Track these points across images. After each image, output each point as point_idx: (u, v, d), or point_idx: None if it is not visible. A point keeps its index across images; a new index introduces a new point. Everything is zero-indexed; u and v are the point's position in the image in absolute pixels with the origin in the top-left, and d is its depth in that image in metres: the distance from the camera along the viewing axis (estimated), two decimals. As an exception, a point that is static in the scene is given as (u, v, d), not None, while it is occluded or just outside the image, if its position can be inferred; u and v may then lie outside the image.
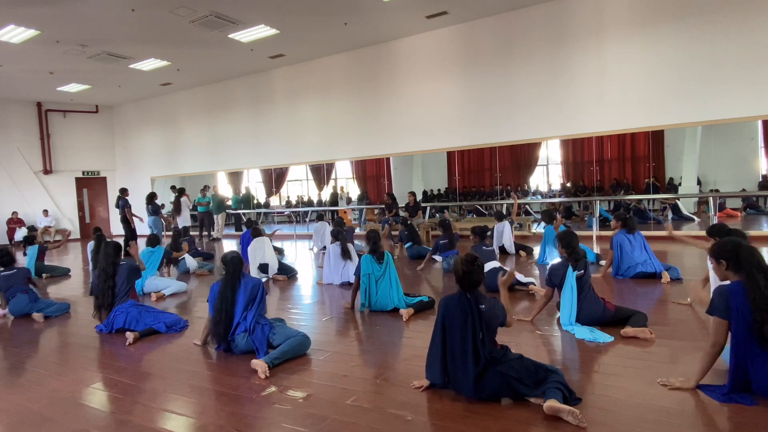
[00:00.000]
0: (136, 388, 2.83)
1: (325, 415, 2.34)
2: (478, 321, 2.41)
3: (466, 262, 2.46)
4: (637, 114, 7.92)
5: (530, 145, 12.56)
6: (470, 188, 13.58)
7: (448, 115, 9.63)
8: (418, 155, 12.21)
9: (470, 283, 2.46)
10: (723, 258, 2.28)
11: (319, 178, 14.18)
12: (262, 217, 14.07)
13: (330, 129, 11.07)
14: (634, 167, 11.48)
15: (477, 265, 2.47)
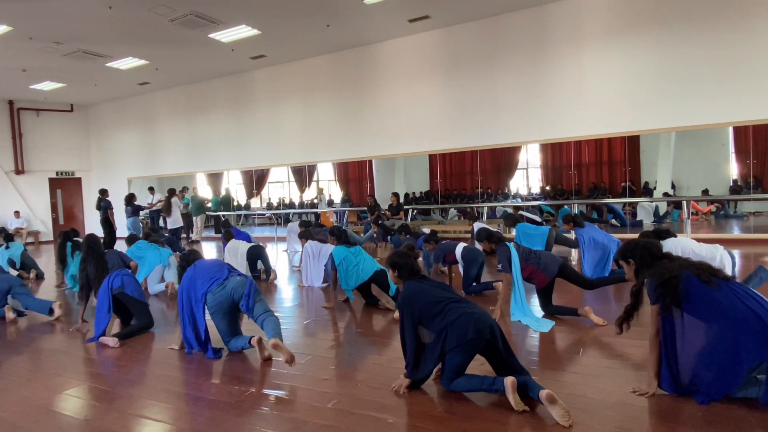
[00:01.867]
0: (111, 394, 2.77)
1: (305, 420, 2.33)
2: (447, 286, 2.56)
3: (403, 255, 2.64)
4: (614, 119, 8.12)
5: (511, 149, 12.73)
6: (452, 191, 13.68)
7: (431, 118, 9.70)
8: (401, 158, 12.26)
9: (413, 272, 2.60)
10: (629, 257, 2.38)
11: (300, 180, 14.11)
12: (242, 219, 13.89)
13: (312, 131, 11.03)
14: (611, 171, 11.74)
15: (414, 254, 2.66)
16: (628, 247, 2.41)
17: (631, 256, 2.37)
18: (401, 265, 2.64)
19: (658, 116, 7.83)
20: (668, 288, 2.15)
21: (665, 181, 10.35)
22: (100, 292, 3.90)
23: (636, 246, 2.38)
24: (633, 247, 2.38)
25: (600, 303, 4.27)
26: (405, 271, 2.63)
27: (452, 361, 2.37)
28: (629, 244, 2.42)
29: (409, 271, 2.62)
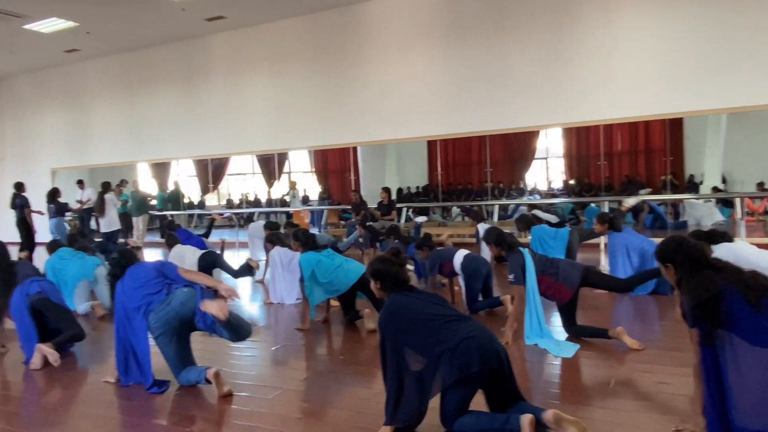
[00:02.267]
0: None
1: (273, 469, 2.32)
2: (442, 303, 2.55)
3: (385, 261, 2.63)
4: (652, 99, 8.22)
5: (526, 135, 12.79)
6: (455, 186, 13.75)
7: (429, 97, 9.74)
8: (392, 145, 12.28)
9: (399, 282, 2.59)
10: (667, 260, 2.37)
11: (268, 171, 14.07)
12: (196, 220, 13.81)
13: (283, 111, 11.01)
14: (649, 162, 11.89)
15: (400, 260, 2.65)
16: (667, 246, 2.38)
17: (669, 260, 2.35)
18: (383, 273, 2.60)
19: (705, 95, 7.94)
20: (705, 311, 2.12)
21: (714, 173, 10.49)
22: (13, 306, 3.85)
23: (676, 247, 2.34)
24: (673, 247, 2.35)
25: (636, 322, 4.32)
26: (388, 281, 2.59)
27: (453, 399, 2.35)
28: (669, 242, 2.40)
29: (393, 281, 2.58)
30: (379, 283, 2.63)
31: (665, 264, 2.38)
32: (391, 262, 2.62)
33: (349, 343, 4.16)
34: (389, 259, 2.64)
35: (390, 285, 2.59)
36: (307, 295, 4.45)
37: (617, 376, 3.18)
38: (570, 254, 6.03)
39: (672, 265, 2.34)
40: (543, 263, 3.90)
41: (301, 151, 13.61)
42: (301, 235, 4.72)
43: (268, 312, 5.26)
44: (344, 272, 4.45)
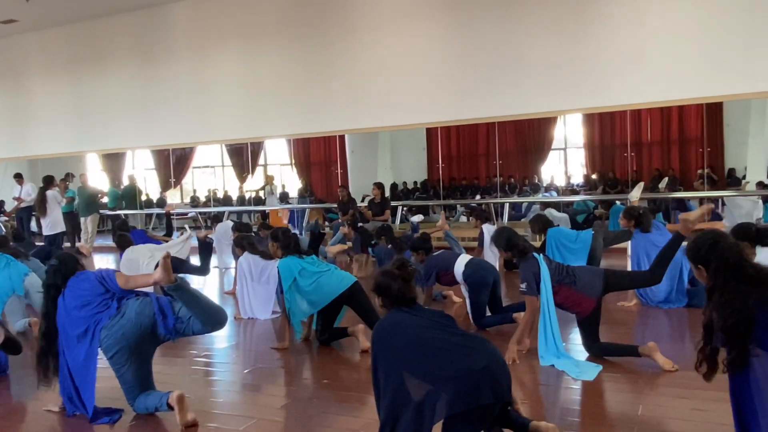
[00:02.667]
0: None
1: None
2: (448, 330, 2.55)
3: (388, 274, 2.65)
4: (687, 80, 8.24)
5: (542, 122, 12.88)
6: (459, 181, 13.78)
7: (429, 77, 9.72)
8: (386, 134, 12.29)
9: (399, 299, 2.61)
10: (699, 262, 2.35)
11: (240, 164, 14.04)
12: (155, 221, 13.74)
13: (257, 93, 10.96)
14: (683, 153, 11.98)
15: (409, 269, 2.67)
16: (700, 245, 2.35)
17: (701, 261, 2.33)
18: (384, 288, 2.64)
19: (749, 76, 7.97)
20: (735, 335, 2.09)
21: (758, 166, 10.57)
22: None
23: (710, 247, 2.30)
24: (707, 247, 2.31)
25: (668, 339, 4.35)
26: (389, 296, 2.62)
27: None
28: (702, 240, 2.36)
29: (393, 297, 2.61)
30: (381, 299, 2.67)
31: (696, 265, 2.37)
32: (394, 275, 2.62)
33: (335, 364, 4.15)
34: (392, 273, 2.64)
35: (392, 302, 2.62)
36: (289, 309, 4.38)
37: (646, 402, 3.19)
38: (593, 262, 6.04)
39: (704, 267, 2.33)
40: (559, 271, 3.92)
41: (279, 141, 13.57)
42: (281, 236, 4.66)
43: (239, 329, 5.23)
44: (329, 281, 4.40)
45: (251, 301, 5.51)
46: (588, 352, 3.92)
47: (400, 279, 2.62)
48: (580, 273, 3.90)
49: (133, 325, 3.14)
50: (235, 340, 4.89)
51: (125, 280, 3.24)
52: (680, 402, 3.16)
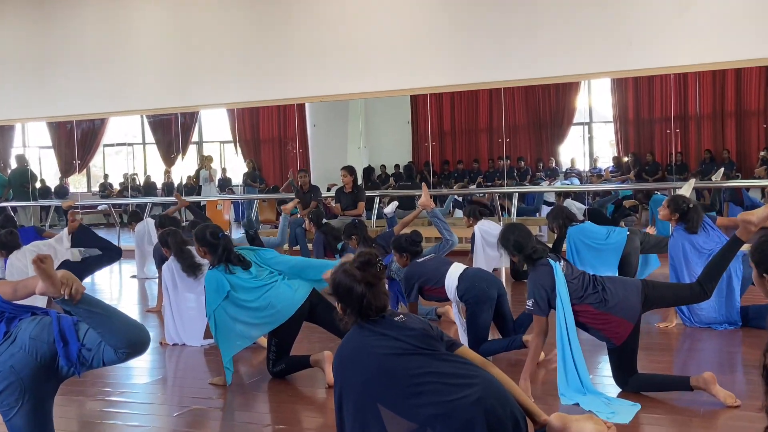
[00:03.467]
0: None
1: None
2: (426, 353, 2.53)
3: (347, 274, 2.60)
4: (746, 38, 8.34)
5: (561, 90, 12.95)
6: (454, 165, 13.79)
7: (415, 33, 9.70)
8: (358, 104, 12.24)
9: (364, 308, 2.57)
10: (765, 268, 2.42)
11: (167, 141, 13.89)
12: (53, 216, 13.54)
13: (188, 52, 10.90)
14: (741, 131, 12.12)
15: (378, 268, 2.61)
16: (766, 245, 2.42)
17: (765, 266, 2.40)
18: (344, 292, 2.61)
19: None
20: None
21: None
22: None
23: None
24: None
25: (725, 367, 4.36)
26: (351, 305, 2.59)
27: None
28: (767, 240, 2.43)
29: (357, 306, 2.57)
30: (340, 306, 2.64)
31: (762, 273, 2.39)
32: (354, 276, 2.57)
33: (293, 404, 4.11)
34: (352, 273, 2.60)
35: (354, 311, 2.58)
36: (217, 341, 4.32)
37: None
38: (626, 270, 6.06)
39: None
40: (583, 284, 3.89)
41: (218, 112, 13.46)
42: (209, 236, 4.54)
43: (165, 359, 5.19)
44: (281, 294, 4.33)
45: (180, 321, 5.45)
46: (621, 388, 3.92)
47: (363, 282, 2.57)
48: (613, 287, 3.88)
49: (27, 354, 3.05)
50: (160, 374, 4.85)
51: (12, 289, 3.13)
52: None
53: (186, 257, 5.36)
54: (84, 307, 2.89)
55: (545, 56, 9.08)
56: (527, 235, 4.13)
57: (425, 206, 6.23)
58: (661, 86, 11.83)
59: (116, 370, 4.90)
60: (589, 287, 3.87)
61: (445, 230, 6.05)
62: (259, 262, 4.49)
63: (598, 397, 3.80)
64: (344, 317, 2.64)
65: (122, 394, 4.44)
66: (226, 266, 4.36)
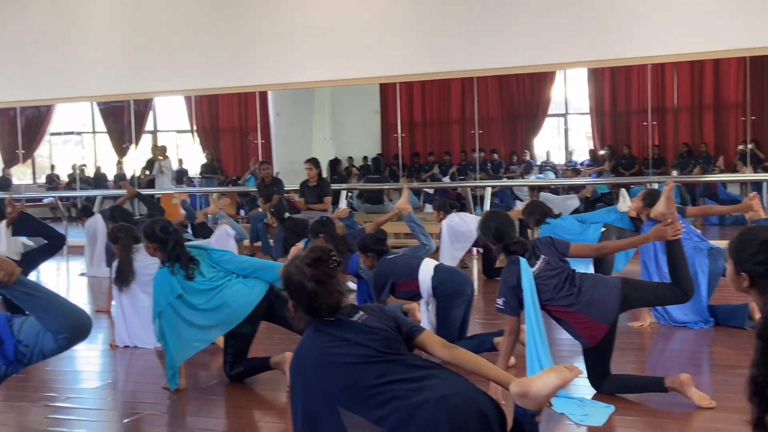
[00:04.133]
0: None
1: None
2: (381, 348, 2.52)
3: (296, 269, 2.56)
4: (724, 27, 8.45)
5: (536, 80, 13.02)
6: (425, 157, 13.81)
7: (384, 18, 9.70)
8: (324, 92, 12.23)
9: (321, 307, 2.54)
10: (742, 268, 2.39)
11: (119, 130, 13.76)
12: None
13: (143, 35, 10.81)
14: (719, 123, 12.30)
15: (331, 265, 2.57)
16: (744, 243, 2.39)
17: (745, 268, 2.36)
18: (292, 289, 2.59)
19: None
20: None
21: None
22: None
23: (761, 245, 2.33)
24: (755, 246, 2.35)
25: (699, 368, 4.43)
26: (302, 303, 2.57)
27: None
28: (747, 237, 2.40)
29: (308, 304, 2.56)
30: (291, 303, 2.61)
31: (739, 272, 2.40)
32: (304, 273, 2.54)
33: (250, 408, 4.10)
34: (304, 269, 2.55)
35: (305, 309, 2.56)
36: (165, 347, 4.29)
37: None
38: (601, 266, 6.12)
39: (747, 275, 2.36)
40: (556, 284, 3.91)
41: (174, 99, 13.33)
42: (159, 231, 4.48)
43: (115, 361, 5.15)
44: (236, 293, 4.30)
45: (132, 322, 5.40)
46: (596, 389, 3.95)
47: (314, 281, 2.54)
48: (588, 287, 3.90)
49: None
50: (109, 378, 4.80)
51: None
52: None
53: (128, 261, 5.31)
54: (20, 289, 2.83)
55: (519, 45, 9.14)
56: (509, 225, 4.13)
57: (402, 209, 6.24)
58: (638, 77, 11.95)
59: (62, 374, 4.91)
60: (564, 288, 3.89)
61: (422, 235, 6.08)
62: (212, 262, 4.45)
63: (572, 399, 3.83)
64: (295, 314, 2.62)
65: (69, 399, 4.38)
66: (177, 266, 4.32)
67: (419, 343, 2.68)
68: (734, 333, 5.14)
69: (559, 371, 2.39)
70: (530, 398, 2.36)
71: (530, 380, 2.39)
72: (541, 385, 2.35)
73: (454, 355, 2.69)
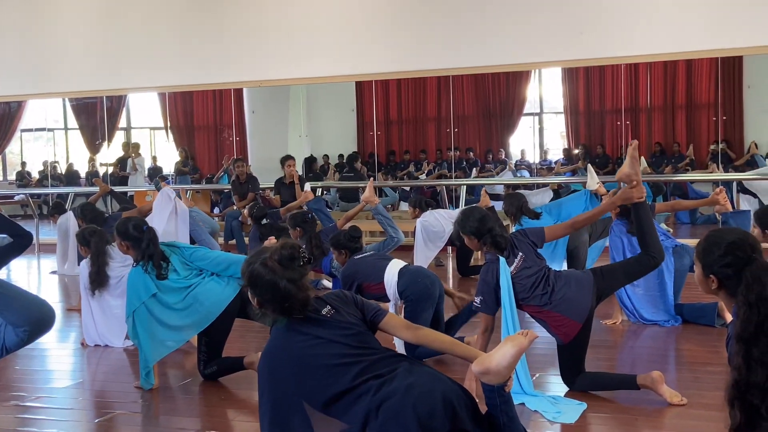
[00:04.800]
0: None
1: None
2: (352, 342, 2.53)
3: (263, 265, 2.52)
4: (697, 28, 8.52)
5: (511, 80, 13.06)
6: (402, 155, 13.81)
7: (361, 15, 9.68)
8: (300, 90, 12.18)
9: (291, 305, 2.51)
10: (710, 270, 2.41)
11: (91, 127, 13.65)
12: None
13: (115, 30, 10.73)
14: (692, 123, 12.43)
15: (302, 262, 2.54)
16: (712, 244, 2.40)
17: (713, 271, 2.38)
18: (261, 284, 2.52)
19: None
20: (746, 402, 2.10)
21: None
22: None
23: (728, 247, 2.34)
24: (722, 248, 2.35)
25: (671, 365, 4.47)
26: (272, 301, 2.53)
27: None
28: (716, 238, 2.41)
29: (279, 303, 2.52)
30: (256, 300, 2.56)
31: (707, 274, 2.42)
32: (275, 271, 2.49)
33: (223, 407, 4.08)
34: (275, 267, 2.50)
35: (274, 307, 2.52)
36: (138, 346, 4.27)
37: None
38: (574, 264, 6.15)
39: (715, 277, 2.38)
40: (533, 284, 3.92)
41: (148, 95, 13.23)
42: (132, 230, 4.43)
43: (85, 361, 5.11)
44: (209, 292, 4.28)
45: (101, 321, 5.37)
46: (569, 387, 3.98)
47: (287, 279, 2.50)
48: (561, 286, 3.92)
49: None
50: (80, 377, 4.76)
51: None
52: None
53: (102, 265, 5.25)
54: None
55: (495, 43, 9.16)
56: (492, 220, 4.12)
57: (368, 201, 6.23)
58: (612, 77, 12.06)
59: (32, 373, 4.88)
60: (538, 288, 3.91)
61: (389, 227, 6.06)
62: (186, 260, 4.43)
63: (544, 397, 3.86)
64: (260, 311, 2.60)
65: (38, 399, 4.33)
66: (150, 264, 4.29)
67: (384, 327, 2.69)
68: (704, 330, 5.20)
69: (515, 339, 2.42)
70: (492, 373, 2.39)
71: (488, 356, 2.42)
72: (500, 357, 2.37)
73: (418, 336, 2.72)
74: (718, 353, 4.71)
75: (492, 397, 2.45)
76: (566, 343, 3.90)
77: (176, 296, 4.27)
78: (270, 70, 10.11)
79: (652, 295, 5.37)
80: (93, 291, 5.22)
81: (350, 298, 2.69)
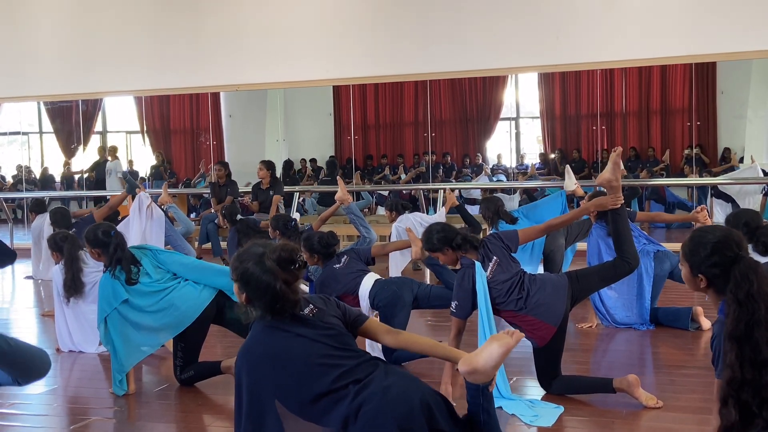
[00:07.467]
0: None
1: None
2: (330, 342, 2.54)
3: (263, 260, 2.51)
4: (671, 34, 8.61)
5: (488, 85, 13.10)
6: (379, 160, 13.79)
7: (337, 20, 9.68)
8: (277, 94, 12.17)
9: (282, 305, 2.51)
10: (698, 270, 2.43)
11: (66, 131, 13.54)
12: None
13: (92, 33, 10.66)
14: (666, 128, 12.54)
15: (299, 265, 2.55)
16: (698, 244, 2.42)
17: (701, 270, 2.40)
18: (253, 282, 2.51)
19: (749, 30, 8.39)
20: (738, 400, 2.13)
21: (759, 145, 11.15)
22: None
23: (715, 246, 2.37)
24: (709, 247, 2.38)
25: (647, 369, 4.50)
26: (264, 301, 2.51)
27: None
28: (702, 237, 2.43)
29: (271, 304, 2.50)
30: (244, 296, 2.55)
31: (695, 273, 2.44)
32: (273, 272, 2.48)
33: (200, 413, 4.06)
34: (274, 268, 2.48)
35: (264, 306, 2.51)
36: (112, 352, 4.23)
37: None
38: (550, 267, 6.18)
39: (704, 276, 2.40)
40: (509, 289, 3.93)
41: (124, 99, 13.14)
42: (101, 235, 4.40)
43: (59, 367, 5.06)
44: (185, 296, 4.26)
45: (74, 326, 5.33)
46: (546, 390, 4.00)
47: (282, 282, 2.49)
48: (536, 290, 3.94)
49: None
50: (54, 383, 4.68)
51: None
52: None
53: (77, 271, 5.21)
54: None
55: (471, 48, 9.20)
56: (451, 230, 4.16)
57: (341, 200, 6.23)
58: (588, 82, 12.12)
59: (5, 381, 4.79)
60: (513, 292, 3.93)
61: (362, 227, 6.06)
62: (158, 263, 4.40)
63: (521, 400, 3.87)
64: (247, 307, 2.57)
65: (13, 405, 4.27)
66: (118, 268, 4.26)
67: (364, 331, 2.71)
68: (678, 334, 5.25)
69: (500, 338, 2.44)
70: (479, 372, 2.41)
71: (474, 356, 2.43)
72: (487, 356, 2.39)
73: (399, 340, 2.73)
74: (693, 356, 4.77)
75: (476, 396, 2.47)
76: (542, 347, 3.93)
77: (149, 299, 4.25)
78: (247, 74, 10.09)
79: (627, 298, 5.41)
80: (68, 298, 5.17)
81: (333, 301, 2.71)
